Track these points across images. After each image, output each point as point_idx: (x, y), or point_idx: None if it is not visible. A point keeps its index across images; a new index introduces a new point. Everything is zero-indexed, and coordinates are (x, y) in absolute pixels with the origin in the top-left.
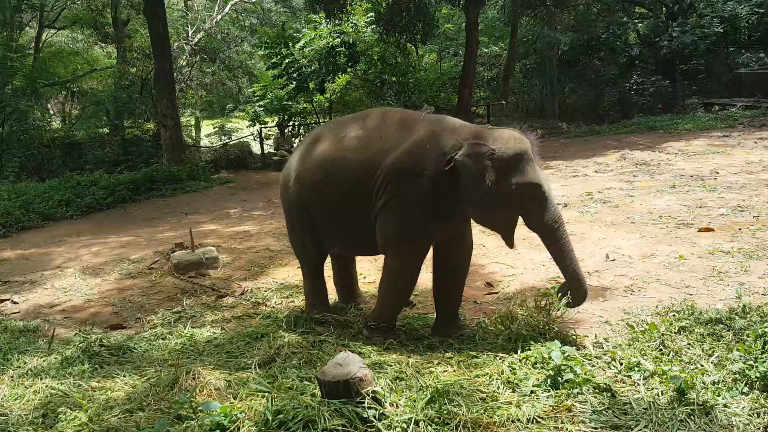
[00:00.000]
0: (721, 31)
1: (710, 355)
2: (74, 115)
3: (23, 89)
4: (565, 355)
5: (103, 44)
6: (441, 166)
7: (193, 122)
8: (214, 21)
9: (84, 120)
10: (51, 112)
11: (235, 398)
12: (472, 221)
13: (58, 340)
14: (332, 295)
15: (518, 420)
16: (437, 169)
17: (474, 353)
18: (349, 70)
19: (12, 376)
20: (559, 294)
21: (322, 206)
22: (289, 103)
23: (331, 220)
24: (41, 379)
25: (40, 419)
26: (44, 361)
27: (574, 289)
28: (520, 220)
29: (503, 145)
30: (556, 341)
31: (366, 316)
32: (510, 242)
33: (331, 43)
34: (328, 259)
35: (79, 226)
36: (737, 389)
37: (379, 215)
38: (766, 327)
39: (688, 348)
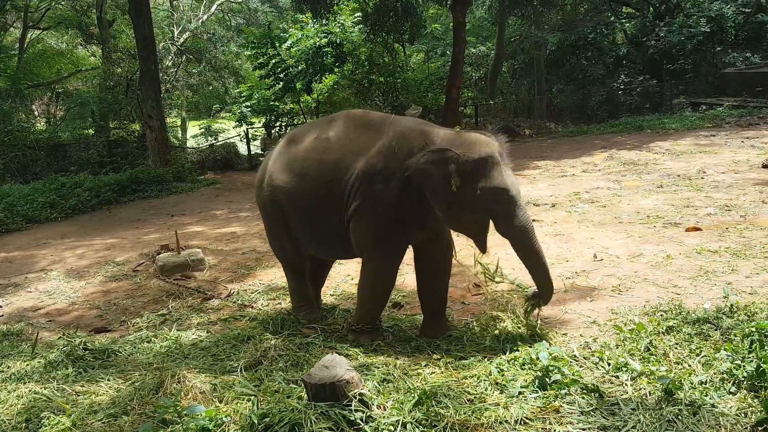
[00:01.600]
0: (708, 30)
1: (698, 355)
2: (59, 116)
3: (7, 90)
4: (553, 355)
5: (88, 45)
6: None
7: (179, 123)
8: (200, 21)
9: (69, 121)
10: (35, 113)
11: (220, 402)
12: None
13: (41, 344)
14: (323, 298)
15: (506, 421)
16: (411, 171)
17: (462, 354)
18: (336, 70)
19: None
20: (530, 302)
21: (295, 208)
22: (276, 103)
23: (304, 222)
24: (24, 383)
25: (24, 424)
26: (28, 365)
27: (545, 295)
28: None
29: (467, 150)
30: (543, 342)
31: (349, 320)
32: (482, 247)
33: (318, 43)
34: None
35: (64, 228)
36: (725, 389)
37: (352, 219)
38: (753, 326)
39: (676, 348)
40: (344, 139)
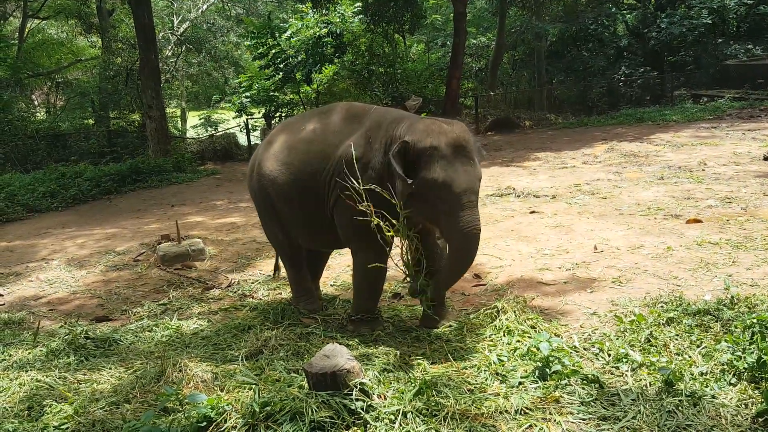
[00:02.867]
0: (710, 22)
1: (698, 346)
2: (59, 106)
3: (7, 80)
4: (553, 346)
5: (88, 34)
6: (383, 157)
7: (178, 113)
8: (200, 11)
9: (69, 111)
10: (35, 103)
11: (222, 390)
12: None
13: (43, 333)
14: (323, 288)
15: (506, 411)
16: (381, 161)
17: (462, 345)
18: (336, 60)
19: None
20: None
21: (281, 197)
22: (276, 93)
23: (290, 212)
24: (26, 371)
25: (26, 412)
26: (29, 353)
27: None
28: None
29: (418, 138)
30: (544, 332)
31: (349, 311)
32: None
33: (317, 33)
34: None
35: (64, 217)
36: (725, 380)
37: (335, 210)
38: (753, 318)
39: (676, 339)
40: (330, 130)
